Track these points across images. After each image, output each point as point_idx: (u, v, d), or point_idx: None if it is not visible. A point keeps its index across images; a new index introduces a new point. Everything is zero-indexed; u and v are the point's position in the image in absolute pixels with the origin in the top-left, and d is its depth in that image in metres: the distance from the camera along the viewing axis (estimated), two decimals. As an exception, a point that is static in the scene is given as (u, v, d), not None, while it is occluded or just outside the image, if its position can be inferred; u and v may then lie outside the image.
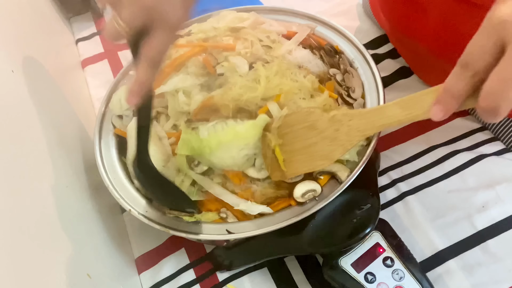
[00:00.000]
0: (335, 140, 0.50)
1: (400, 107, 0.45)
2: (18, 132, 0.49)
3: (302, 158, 0.52)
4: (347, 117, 0.49)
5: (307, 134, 0.52)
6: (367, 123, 0.48)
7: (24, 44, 0.65)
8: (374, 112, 0.48)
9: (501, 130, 0.65)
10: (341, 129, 0.49)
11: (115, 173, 0.60)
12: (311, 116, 0.52)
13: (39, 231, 0.43)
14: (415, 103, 0.43)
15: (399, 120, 0.45)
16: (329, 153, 0.50)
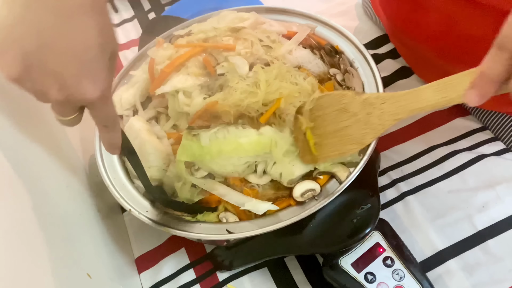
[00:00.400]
0: (367, 123, 0.49)
1: (434, 90, 0.43)
2: (17, 132, 0.48)
3: (333, 141, 0.52)
4: (379, 100, 0.48)
5: (339, 117, 0.51)
6: (400, 106, 0.46)
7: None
8: (408, 95, 0.46)
9: (501, 130, 0.65)
10: (373, 113, 0.48)
11: (115, 172, 0.60)
12: (344, 99, 0.51)
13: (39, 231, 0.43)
14: (451, 86, 0.41)
15: (433, 104, 0.43)
16: (361, 137, 0.50)
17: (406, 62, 0.77)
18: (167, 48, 0.64)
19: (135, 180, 0.59)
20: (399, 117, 0.46)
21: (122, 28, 0.98)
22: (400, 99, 0.46)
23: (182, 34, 0.67)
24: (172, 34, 0.69)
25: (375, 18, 0.83)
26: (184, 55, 0.61)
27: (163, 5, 1.01)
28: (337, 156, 0.52)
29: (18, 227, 0.40)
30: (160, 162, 0.59)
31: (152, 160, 0.58)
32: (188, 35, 0.67)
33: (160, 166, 0.59)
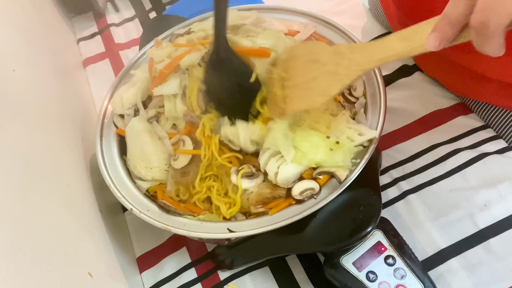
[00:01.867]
0: (334, 74, 0.48)
1: (399, 39, 0.43)
2: (19, 131, 0.49)
3: (302, 93, 0.50)
4: (349, 49, 0.47)
5: (309, 67, 0.50)
6: (367, 56, 0.45)
7: (26, 43, 0.65)
8: (375, 44, 0.45)
9: (504, 128, 0.65)
10: (341, 63, 0.47)
11: (117, 172, 0.60)
12: (315, 48, 0.50)
13: (39, 230, 0.43)
14: (415, 33, 0.41)
15: (398, 53, 0.43)
16: (327, 88, 0.48)
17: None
18: (166, 47, 0.64)
19: (136, 180, 0.59)
20: (365, 67, 0.46)
21: (123, 27, 0.98)
22: (367, 49, 0.45)
23: (182, 33, 0.67)
24: (172, 33, 0.69)
25: (379, 14, 0.83)
26: (183, 55, 0.61)
27: (164, 4, 1.01)
28: (303, 108, 0.51)
29: (19, 227, 0.40)
30: (162, 163, 0.59)
31: (154, 161, 0.58)
32: (188, 33, 0.66)
33: (162, 167, 0.59)
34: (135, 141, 0.60)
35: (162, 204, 0.57)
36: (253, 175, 0.55)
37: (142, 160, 0.59)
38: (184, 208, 0.57)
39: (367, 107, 0.58)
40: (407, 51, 0.42)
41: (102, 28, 0.98)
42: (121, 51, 0.92)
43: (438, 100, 0.71)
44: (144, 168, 0.58)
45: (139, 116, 0.63)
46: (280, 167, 0.53)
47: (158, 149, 0.59)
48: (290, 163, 0.52)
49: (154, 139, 0.60)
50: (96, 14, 1.01)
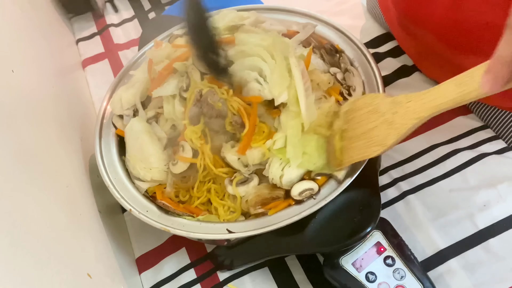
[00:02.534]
0: (391, 123, 0.48)
1: (454, 84, 0.42)
2: (17, 132, 0.48)
3: (359, 144, 0.51)
4: (406, 98, 0.47)
5: (369, 118, 0.50)
6: (423, 103, 0.45)
7: (25, 44, 0.65)
8: (430, 92, 0.45)
9: (503, 128, 0.65)
10: (399, 112, 0.47)
11: (116, 172, 0.60)
12: (376, 99, 0.50)
13: (39, 231, 0.43)
14: (469, 78, 0.40)
15: (453, 99, 0.42)
16: (385, 138, 0.48)
17: (410, 56, 0.76)
18: (165, 48, 0.64)
19: (135, 180, 0.59)
20: (421, 115, 0.45)
21: (122, 28, 0.98)
22: (423, 97, 0.45)
23: (181, 34, 0.67)
24: (171, 33, 0.68)
25: (377, 15, 0.83)
26: (181, 56, 0.61)
27: (163, 5, 1.01)
28: (360, 159, 0.52)
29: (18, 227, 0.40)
30: (161, 164, 0.59)
31: (153, 162, 0.58)
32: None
33: (161, 168, 0.59)
34: (134, 141, 0.60)
35: (161, 204, 0.57)
36: (247, 180, 0.55)
37: (141, 160, 0.59)
38: (183, 208, 0.57)
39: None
40: (462, 95, 0.41)
41: (101, 29, 0.98)
42: (120, 51, 0.92)
43: (438, 100, 0.70)
44: (143, 168, 0.58)
45: (138, 117, 0.63)
46: (284, 169, 0.53)
47: (157, 149, 0.59)
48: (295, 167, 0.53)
49: (153, 140, 0.60)
50: (95, 15, 1.01)
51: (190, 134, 0.57)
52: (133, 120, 0.62)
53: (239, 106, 0.55)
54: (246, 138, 0.55)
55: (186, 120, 0.57)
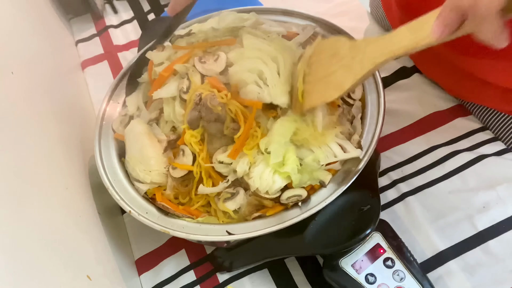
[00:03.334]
0: (349, 68, 0.48)
1: (407, 30, 0.43)
2: (17, 133, 0.48)
3: (320, 87, 0.51)
4: (364, 43, 0.48)
5: (329, 62, 0.51)
6: (379, 48, 0.46)
7: (24, 45, 0.65)
8: (385, 37, 0.45)
9: (502, 130, 0.65)
10: (357, 57, 0.48)
11: (115, 174, 0.60)
12: (337, 43, 0.51)
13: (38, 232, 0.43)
14: (421, 24, 0.41)
15: (406, 45, 0.42)
16: (342, 82, 0.49)
17: (410, 57, 0.76)
18: (166, 49, 0.64)
19: (134, 182, 0.59)
20: (377, 61, 0.46)
21: (121, 29, 0.98)
22: (380, 42, 0.46)
23: (182, 34, 0.67)
24: (173, 34, 0.69)
25: (379, 15, 0.82)
26: (182, 57, 0.61)
27: (163, 6, 1.01)
28: (319, 103, 0.52)
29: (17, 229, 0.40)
30: (161, 166, 0.59)
31: (153, 164, 0.58)
32: (188, 35, 0.66)
33: (161, 170, 0.59)
34: (134, 143, 0.60)
35: (161, 206, 0.56)
36: (234, 194, 0.55)
37: (141, 162, 0.59)
38: (183, 210, 0.57)
39: (365, 109, 0.58)
40: (415, 42, 0.41)
41: (101, 30, 0.98)
42: (119, 52, 0.92)
43: (437, 102, 0.71)
44: (143, 171, 0.58)
45: (139, 119, 0.63)
46: (267, 178, 0.52)
47: (157, 152, 0.59)
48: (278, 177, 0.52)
49: (153, 142, 0.60)
50: (95, 16, 1.01)
51: (189, 138, 0.57)
52: (133, 122, 0.62)
53: (237, 109, 0.55)
54: (239, 142, 0.55)
55: (185, 124, 0.57)
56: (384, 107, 0.57)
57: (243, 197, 0.55)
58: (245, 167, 0.54)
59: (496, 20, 0.35)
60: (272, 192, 0.52)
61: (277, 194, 0.53)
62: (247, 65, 0.56)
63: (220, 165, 0.56)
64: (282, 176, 0.52)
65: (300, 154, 0.53)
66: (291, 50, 0.58)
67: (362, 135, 0.56)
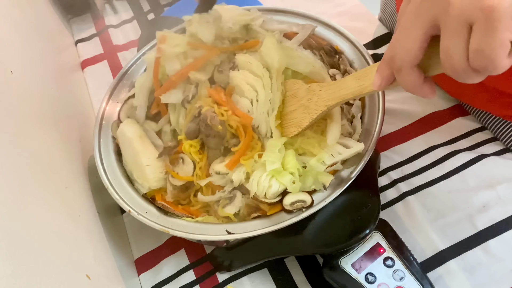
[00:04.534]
0: (306, 108, 0.53)
1: (355, 78, 0.47)
2: (17, 133, 0.48)
3: (283, 123, 0.56)
4: (318, 87, 0.53)
5: (290, 101, 0.56)
6: (330, 93, 0.50)
7: (24, 45, 0.65)
8: (337, 83, 0.50)
9: (500, 131, 0.65)
10: (312, 99, 0.53)
11: (115, 174, 0.59)
12: (296, 85, 0.56)
13: (37, 232, 0.43)
14: (366, 74, 0.45)
15: (353, 91, 0.47)
16: (300, 120, 0.54)
17: None
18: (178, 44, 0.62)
19: (134, 182, 0.59)
20: (329, 104, 0.50)
21: (121, 29, 0.98)
22: (332, 87, 0.51)
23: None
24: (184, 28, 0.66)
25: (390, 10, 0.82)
26: (196, 64, 0.60)
27: (163, 6, 1.01)
28: (284, 136, 0.56)
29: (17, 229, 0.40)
30: (157, 172, 0.58)
31: (149, 173, 0.58)
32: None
33: (158, 176, 0.58)
34: (128, 149, 0.60)
35: (161, 205, 0.56)
36: (231, 198, 0.55)
37: (136, 169, 0.58)
38: (182, 210, 0.57)
39: (365, 109, 0.58)
40: (360, 89, 0.46)
41: (100, 30, 0.98)
42: (119, 52, 0.92)
43: (437, 102, 0.71)
44: (140, 177, 0.58)
45: (129, 120, 0.62)
46: (265, 182, 0.53)
47: (152, 159, 0.59)
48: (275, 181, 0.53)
49: (146, 148, 0.59)
50: (94, 16, 1.01)
51: (188, 148, 0.57)
52: (122, 125, 0.61)
53: (238, 125, 0.56)
54: (237, 155, 0.55)
55: (182, 135, 0.57)
56: (383, 107, 0.57)
57: (241, 199, 0.55)
58: (241, 176, 0.55)
59: (413, 74, 0.37)
60: (269, 196, 0.52)
61: (277, 199, 0.53)
62: (249, 79, 0.56)
63: (217, 176, 0.56)
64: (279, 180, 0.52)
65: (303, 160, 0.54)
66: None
67: (362, 134, 0.56)
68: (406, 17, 0.37)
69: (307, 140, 0.55)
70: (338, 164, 0.53)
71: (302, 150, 0.55)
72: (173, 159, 0.60)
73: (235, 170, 0.55)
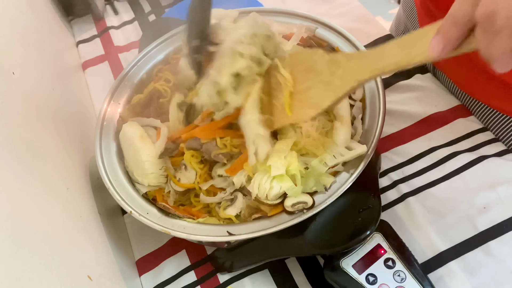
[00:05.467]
0: (328, 84, 0.44)
1: (399, 46, 0.39)
2: (18, 134, 0.48)
3: (297, 104, 0.47)
4: (346, 58, 0.44)
5: (305, 76, 0.47)
6: (364, 64, 0.41)
7: (25, 46, 0.65)
8: (372, 52, 0.41)
9: (502, 131, 0.65)
10: (336, 72, 0.44)
11: (116, 175, 0.60)
12: (313, 56, 0.46)
13: (39, 233, 0.43)
14: (416, 40, 0.37)
15: (397, 61, 0.38)
16: (320, 99, 0.45)
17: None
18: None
19: (135, 183, 0.59)
20: (360, 78, 0.42)
21: (122, 30, 0.98)
22: (364, 57, 0.42)
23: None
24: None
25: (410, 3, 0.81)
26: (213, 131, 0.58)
27: (164, 7, 1.01)
28: (292, 122, 0.49)
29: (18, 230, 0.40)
30: (156, 169, 0.59)
31: (148, 168, 0.58)
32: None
33: (157, 173, 0.59)
34: (128, 148, 0.60)
35: (162, 206, 0.57)
36: (232, 200, 0.56)
37: (136, 167, 0.59)
38: (183, 211, 0.57)
39: (366, 110, 0.58)
40: (407, 59, 0.38)
41: (102, 31, 0.98)
42: (120, 53, 0.92)
43: (438, 103, 0.71)
44: (141, 175, 0.58)
45: (130, 122, 0.63)
46: (266, 184, 0.53)
47: (151, 154, 0.59)
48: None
49: (146, 145, 0.59)
50: (95, 17, 1.01)
51: (189, 158, 0.57)
52: (125, 126, 0.62)
53: (240, 145, 0.56)
54: (239, 161, 0.55)
55: (183, 145, 0.58)
56: (384, 108, 0.57)
57: (242, 200, 0.55)
58: (242, 179, 0.55)
59: (510, 37, 0.31)
60: (271, 197, 0.52)
61: (279, 200, 0.53)
62: None
63: (219, 179, 0.57)
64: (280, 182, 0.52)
65: (305, 161, 0.54)
66: None
67: (363, 136, 0.56)
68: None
69: (311, 142, 0.55)
70: (339, 165, 0.54)
71: (305, 151, 0.55)
72: (176, 162, 0.60)
73: (236, 173, 0.55)
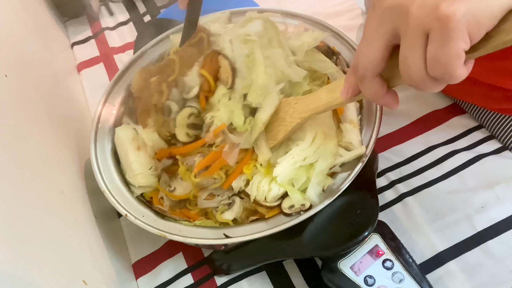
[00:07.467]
0: (283, 121, 0.54)
1: (328, 91, 0.48)
2: (12, 137, 0.48)
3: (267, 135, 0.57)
4: (294, 100, 0.54)
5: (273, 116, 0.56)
6: (305, 106, 0.51)
7: (19, 48, 0.65)
8: (311, 96, 0.51)
9: (496, 129, 0.65)
10: (288, 111, 0.53)
11: (111, 177, 0.59)
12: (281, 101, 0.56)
13: (34, 236, 0.43)
14: (338, 86, 0.46)
15: (325, 103, 0.48)
16: (276, 133, 0.55)
17: None
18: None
19: (130, 185, 0.59)
20: (303, 116, 0.51)
21: (117, 31, 0.97)
22: (306, 100, 0.52)
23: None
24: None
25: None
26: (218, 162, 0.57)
27: (159, 8, 1.01)
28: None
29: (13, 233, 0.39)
30: (144, 169, 0.59)
31: (135, 168, 0.58)
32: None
33: (146, 172, 0.58)
34: (121, 151, 0.61)
35: (158, 209, 0.56)
36: (230, 204, 0.55)
37: (128, 168, 0.58)
38: (180, 213, 0.56)
39: (363, 110, 0.58)
40: (330, 101, 0.47)
41: (96, 32, 0.97)
42: (115, 55, 0.92)
43: (434, 101, 0.71)
44: (132, 176, 0.58)
45: (123, 126, 0.63)
46: (266, 186, 0.53)
47: (139, 154, 0.59)
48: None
49: (135, 146, 0.60)
50: (90, 18, 1.00)
51: (184, 172, 0.57)
52: (117, 129, 0.62)
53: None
54: (234, 174, 0.56)
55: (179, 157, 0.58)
56: (381, 108, 0.56)
57: (239, 205, 0.55)
58: (240, 183, 0.55)
59: (375, 83, 0.38)
60: (270, 199, 0.52)
61: (277, 202, 0.53)
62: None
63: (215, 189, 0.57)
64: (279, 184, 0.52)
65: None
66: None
67: (360, 136, 0.56)
68: (369, 26, 0.37)
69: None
70: (337, 166, 0.53)
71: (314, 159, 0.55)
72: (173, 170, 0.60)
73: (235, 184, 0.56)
